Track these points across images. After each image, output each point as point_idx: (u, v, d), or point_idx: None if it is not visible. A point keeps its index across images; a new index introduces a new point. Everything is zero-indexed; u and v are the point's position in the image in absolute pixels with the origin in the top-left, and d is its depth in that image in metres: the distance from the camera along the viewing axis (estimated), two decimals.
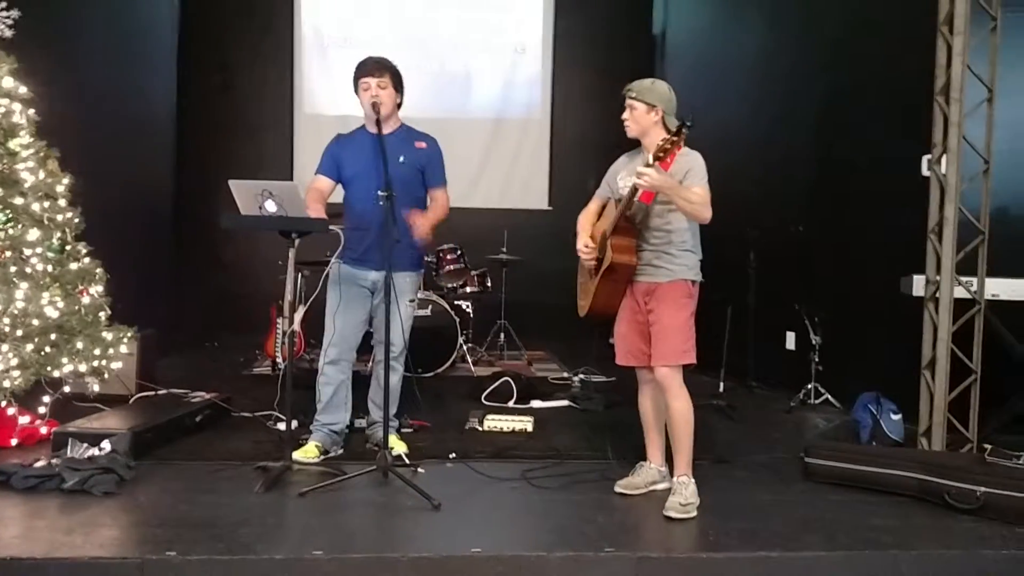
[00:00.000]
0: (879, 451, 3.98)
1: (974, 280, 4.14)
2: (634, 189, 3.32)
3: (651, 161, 3.20)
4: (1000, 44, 4.12)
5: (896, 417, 4.34)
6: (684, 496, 3.34)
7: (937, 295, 4.06)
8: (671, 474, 3.54)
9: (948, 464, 3.54)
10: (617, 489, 3.55)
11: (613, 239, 3.45)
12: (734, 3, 7.04)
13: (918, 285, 4.26)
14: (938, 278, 4.07)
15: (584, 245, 3.62)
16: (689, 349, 3.45)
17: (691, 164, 3.40)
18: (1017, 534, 3.14)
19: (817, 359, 5.41)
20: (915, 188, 4.34)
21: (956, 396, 4.04)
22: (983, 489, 3.31)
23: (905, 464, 3.60)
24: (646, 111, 3.45)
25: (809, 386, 5.43)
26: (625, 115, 3.50)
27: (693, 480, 3.41)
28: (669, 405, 3.48)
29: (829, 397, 5.38)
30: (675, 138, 3.16)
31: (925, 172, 4.23)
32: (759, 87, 6.36)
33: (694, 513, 3.30)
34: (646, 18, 8.39)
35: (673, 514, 3.27)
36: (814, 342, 5.40)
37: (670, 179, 3.27)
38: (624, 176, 3.61)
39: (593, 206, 3.77)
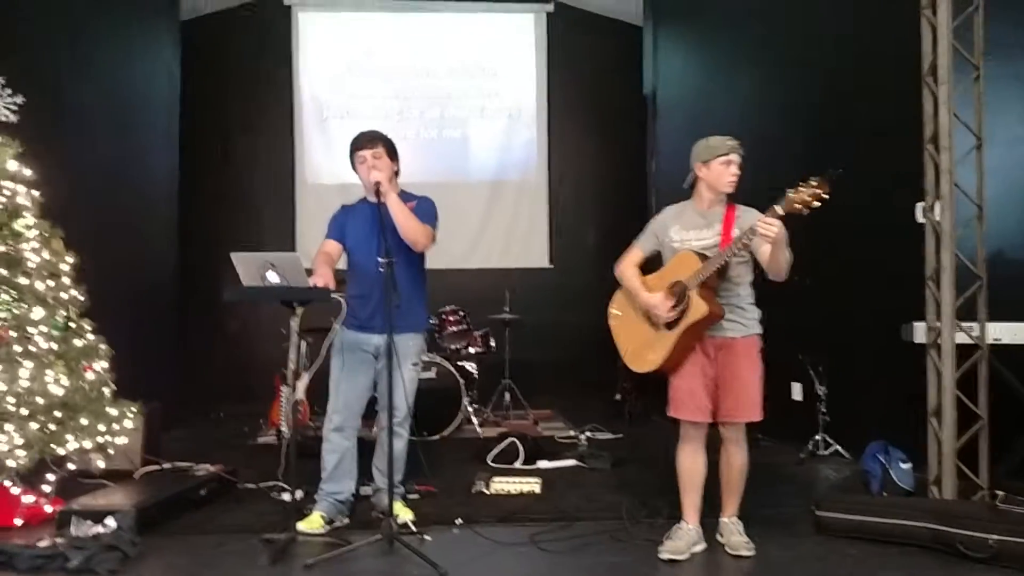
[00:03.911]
0: (890, 502, 3.94)
1: (975, 325, 4.15)
2: (745, 240, 3.33)
3: (781, 212, 3.21)
4: (985, 92, 4.19)
5: (906, 466, 4.31)
6: (743, 534, 3.55)
7: (939, 341, 4.06)
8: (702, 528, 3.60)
9: (959, 512, 3.50)
10: (664, 556, 3.46)
11: (702, 291, 3.44)
12: (721, 63, 7.19)
13: (919, 332, 4.27)
14: (939, 324, 4.07)
15: (663, 304, 3.53)
16: (759, 405, 3.55)
17: (755, 216, 3.40)
18: None
19: (824, 410, 5.38)
20: (911, 235, 4.38)
21: (965, 443, 4.01)
22: (996, 537, 3.27)
23: (916, 514, 3.57)
24: None
25: (817, 437, 5.39)
26: (736, 172, 3.56)
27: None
28: (735, 456, 3.61)
29: (838, 448, 5.34)
30: (818, 190, 3.16)
31: (920, 219, 4.27)
32: (748, 142, 6.42)
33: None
34: (636, 79, 8.55)
35: (745, 552, 3.47)
36: (820, 392, 5.38)
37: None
38: (680, 230, 3.61)
39: (635, 257, 3.75)
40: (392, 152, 4.01)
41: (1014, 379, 4.27)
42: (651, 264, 3.75)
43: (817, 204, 3.16)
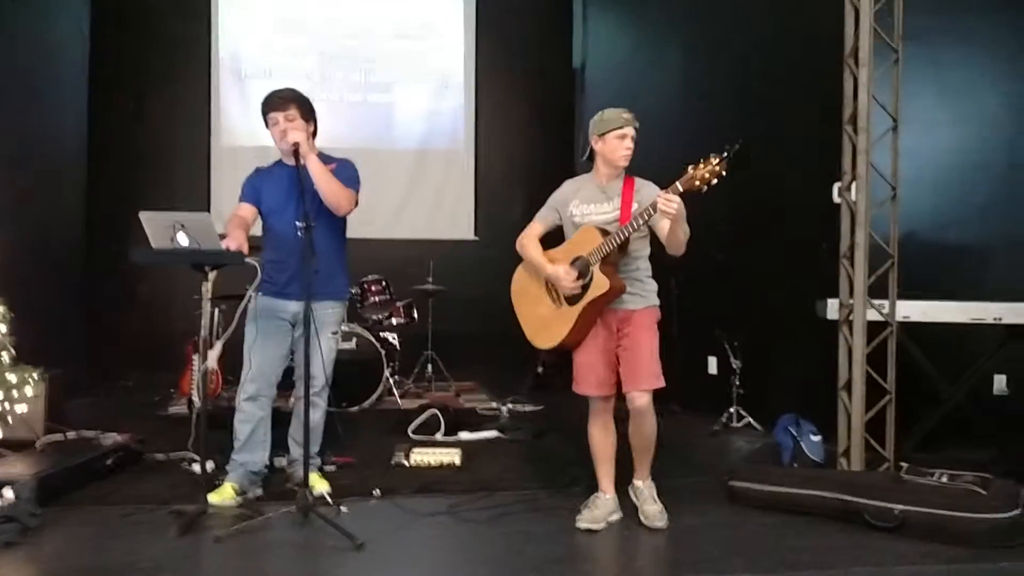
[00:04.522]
0: (800, 473, 4.04)
1: (886, 303, 4.27)
2: (646, 216, 3.31)
3: (681, 189, 3.19)
4: (902, 75, 4.29)
5: (816, 438, 4.42)
6: (657, 501, 3.56)
7: (851, 318, 4.17)
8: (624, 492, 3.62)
9: (867, 483, 3.62)
10: (582, 525, 3.47)
11: (603, 266, 3.43)
12: (649, 38, 7.21)
13: (832, 308, 4.37)
14: (851, 301, 4.18)
15: (567, 275, 3.50)
16: (660, 373, 3.53)
17: (655, 194, 3.36)
18: (933, 549, 3.21)
19: (738, 383, 5.50)
20: (827, 214, 4.47)
21: (873, 416, 4.14)
22: (900, 507, 3.39)
23: (826, 485, 3.67)
24: None
25: (731, 410, 5.51)
26: (630, 144, 3.53)
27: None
28: (643, 424, 3.53)
29: (751, 420, 5.46)
30: (716, 167, 3.14)
31: (836, 199, 4.36)
32: (675, 117, 6.50)
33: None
34: (566, 52, 8.52)
35: (659, 523, 3.47)
36: (734, 366, 5.49)
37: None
38: (579, 204, 3.59)
39: (536, 230, 3.72)
40: (307, 112, 3.86)
41: (922, 355, 4.43)
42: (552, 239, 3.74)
43: (715, 181, 3.17)
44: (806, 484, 3.71)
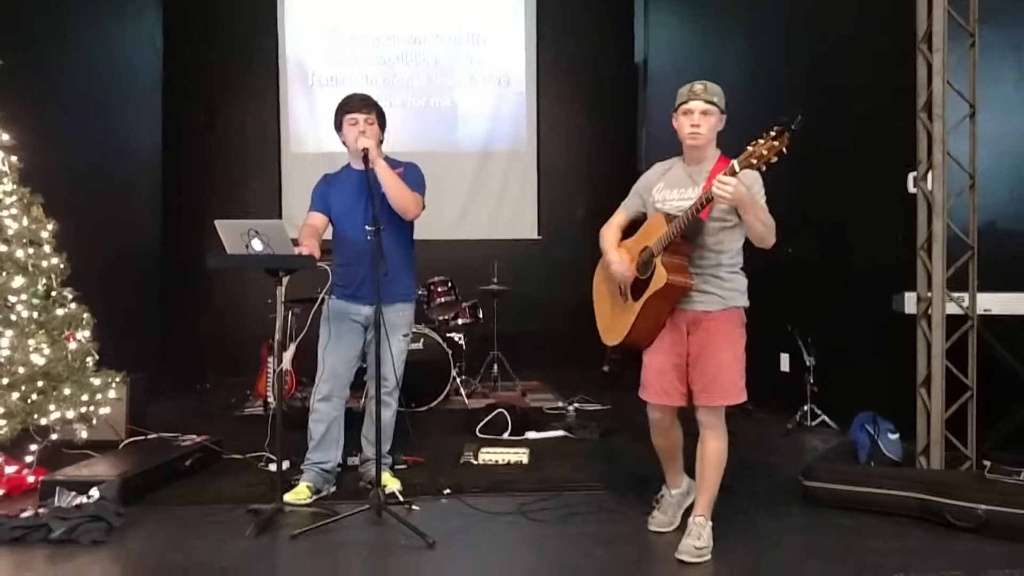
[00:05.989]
0: (878, 472, 3.93)
1: (965, 296, 4.12)
2: (703, 201, 2.97)
3: (737, 168, 2.84)
4: (979, 60, 4.14)
5: (894, 436, 4.29)
6: (701, 539, 3.12)
7: (929, 312, 4.04)
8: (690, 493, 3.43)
9: (948, 482, 3.51)
10: (653, 528, 3.41)
11: (665, 257, 3.09)
12: (712, 30, 7.11)
13: (910, 302, 4.25)
14: (929, 295, 4.05)
15: (620, 263, 3.28)
16: (743, 387, 3.18)
17: (752, 180, 3.06)
18: (1021, 551, 3.09)
19: (812, 380, 5.38)
20: (903, 205, 4.34)
21: (953, 413, 4.00)
22: (984, 507, 3.28)
23: (905, 484, 3.57)
24: (719, 118, 3.17)
25: (805, 408, 5.40)
26: (697, 121, 3.12)
27: (711, 522, 3.19)
28: (708, 444, 3.19)
29: (826, 418, 5.35)
30: (775, 142, 2.76)
31: (912, 189, 4.23)
32: (740, 109, 6.35)
33: (708, 556, 3.09)
34: (627, 47, 8.46)
35: (686, 558, 3.06)
36: (808, 363, 5.37)
37: (750, 192, 2.95)
38: (663, 188, 3.28)
39: (618, 219, 3.45)
40: (382, 121, 3.94)
41: (1003, 350, 4.27)
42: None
43: (775, 159, 2.79)
44: (884, 483, 3.62)
